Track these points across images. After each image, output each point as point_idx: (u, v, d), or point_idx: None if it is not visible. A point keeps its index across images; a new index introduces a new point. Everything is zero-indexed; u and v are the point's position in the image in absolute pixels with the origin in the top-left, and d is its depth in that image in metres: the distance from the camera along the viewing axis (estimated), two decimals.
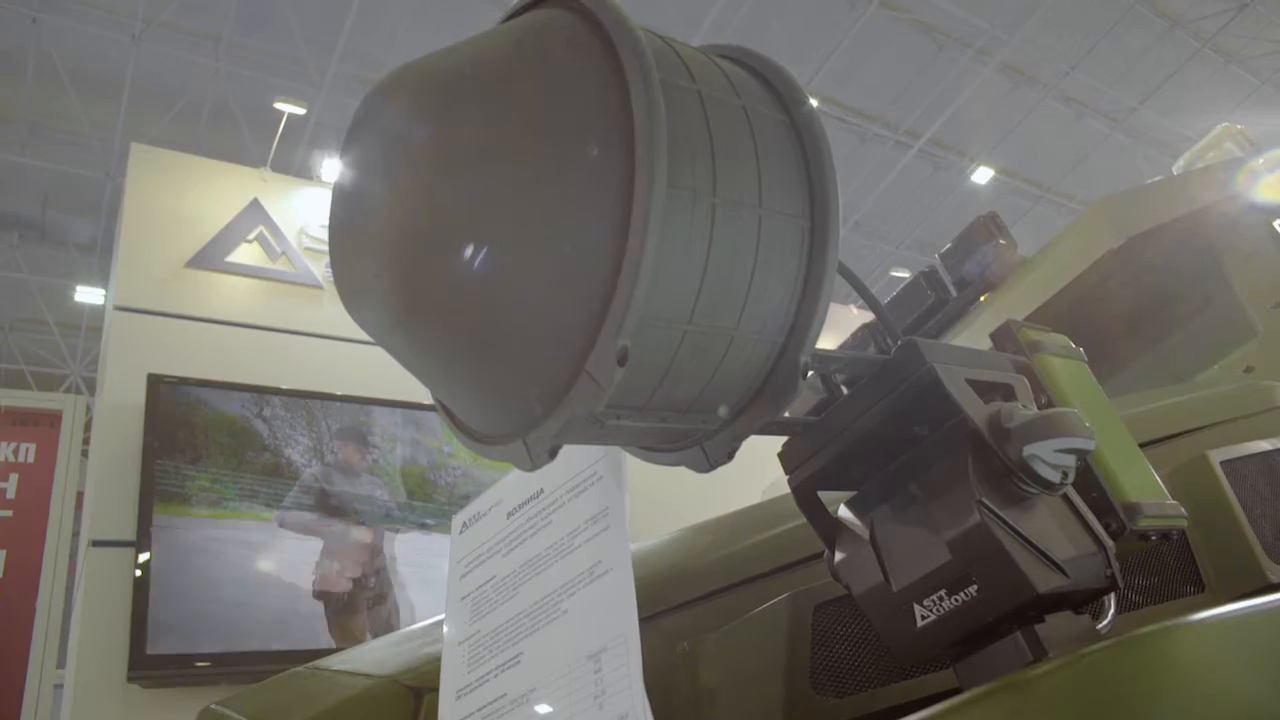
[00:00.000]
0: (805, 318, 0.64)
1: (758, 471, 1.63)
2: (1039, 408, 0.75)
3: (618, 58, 0.56)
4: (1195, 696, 0.57)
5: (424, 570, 4.49)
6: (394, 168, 0.61)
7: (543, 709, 0.74)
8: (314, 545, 4.23)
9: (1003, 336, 0.84)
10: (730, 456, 0.70)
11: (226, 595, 3.90)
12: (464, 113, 0.58)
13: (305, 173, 6.38)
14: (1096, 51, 9.37)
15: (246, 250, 4.97)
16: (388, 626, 4.27)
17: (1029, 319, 2.21)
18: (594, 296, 0.55)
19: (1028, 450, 0.66)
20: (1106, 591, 0.70)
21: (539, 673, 0.77)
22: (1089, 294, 2.18)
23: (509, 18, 0.70)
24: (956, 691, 0.73)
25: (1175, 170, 2.86)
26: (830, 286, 0.63)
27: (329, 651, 3.90)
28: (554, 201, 0.55)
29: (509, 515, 0.91)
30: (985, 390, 0.73)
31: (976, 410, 0.69)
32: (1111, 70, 9.73)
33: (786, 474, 0.80)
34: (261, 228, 5.06)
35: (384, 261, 0.61)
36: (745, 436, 0.68)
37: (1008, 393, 0.75)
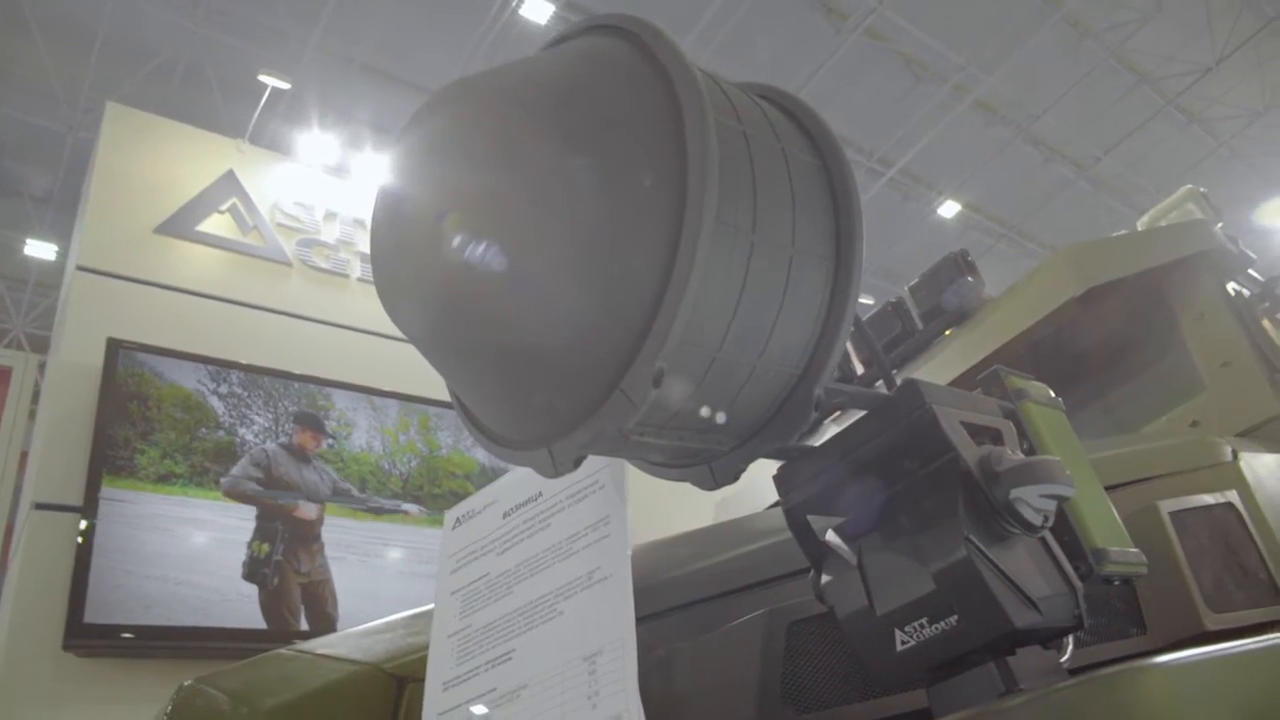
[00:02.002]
0: (823, 353, 0.67)
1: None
2: (1022, 453, 0.80)
3: (674, 93, 0.59)
4: None
5: (369, 559, 4.47)
6: (447, 177, 0.64)
7: (534, 705, 0.77)
8: (253, 525, 4.19)
9: (991, 382, 0.89)
10: (736, 477, 0.73)
11: (168, 571, 3.85)
12: (522, 132, 0.61)
13: (277, 146, 6.30)
14: (1068, 99, 9.62)
15: (217, 221, 4.89)
16: (323, 613, 4.24)
17: (990, 358, 2.29)
18: (635, 318, 0.58)
19: (1014, 493, 0.71)
20: (1074, 630, 0.75)
21: (531, 670, 0.80)
22: (1049, 338, 2.25)
23: (559, 42, 0.73)
24: (924, 713, 0.77)
25: (1139, 225, 2.97)
26: (849, 326, 0.67)
27: (262, 633, 3.90)
28: (605, 225, 0.58)
29: (505, 515, 0.93)
30: (976, 433, 0.77)
31: (969, 451, 0.73)
32: (1080, 118, 9.99)
33: (780, 496, 0.84)
34: (234, 199, 4.99)
35: (429, 267, 0.63)
36: (753, 459, 0.72)
37: (996, 436, 0.79)
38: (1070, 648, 0.85)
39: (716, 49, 8.38)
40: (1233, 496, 1.42)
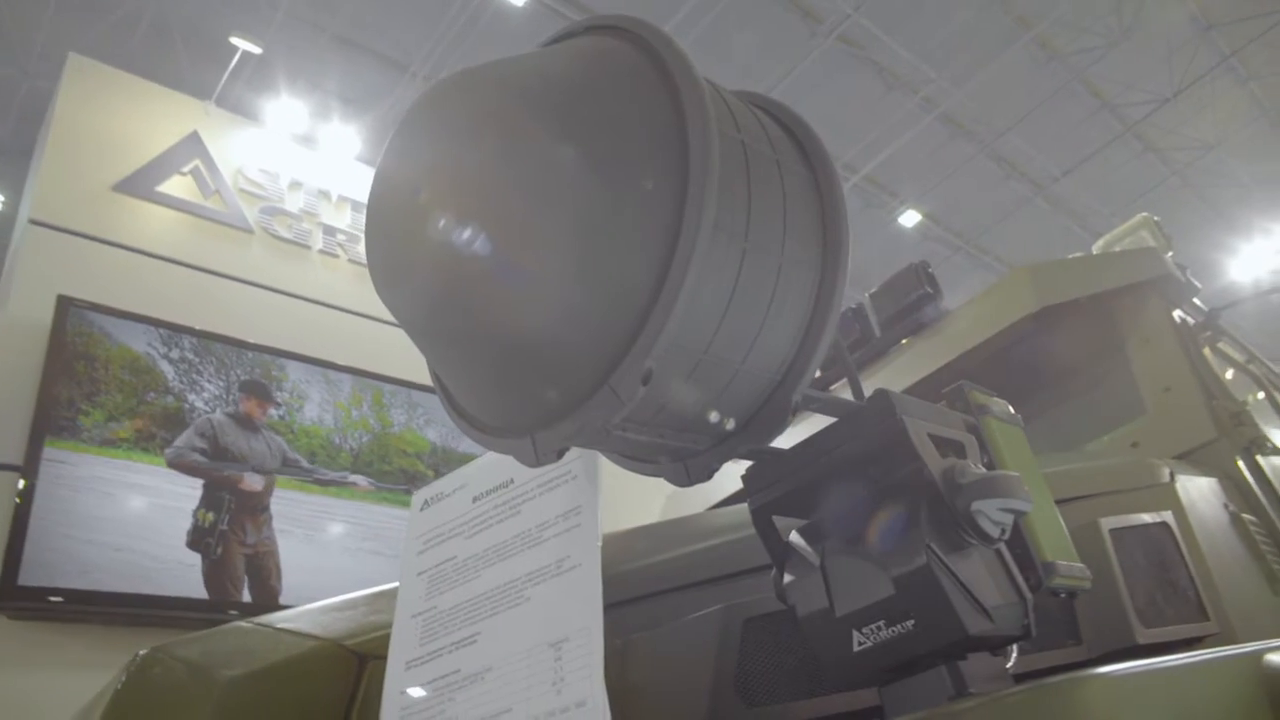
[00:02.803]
0: (803, 360, 0.70)
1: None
2: (983, 467, 0.83)
3: (679, 101, 0.61)
4: None
5: (314, 534, 4.43)
6: (450, 166, 0.64)
7: (498, 687, 0.78)
8: (199, 494, 4.13)
9: (956, 396, 0.92)
10: (710, 476, 0.75)
11: (108, 536, 3.77)
12: (528, 127, 0.61)
13: (241, 112, 6.17)
14: (1032, 118, 9.80)
15: (179, 183, 4.78)
16: (267, 585, 4.20)
17: (945, 368, 2.34)
18: (628, 316, 0.60)
19: (975, 506, 0.74)
20: (1023, 639, 0.78)
21: (496, 653, 0.81)
22: (1001, 353, 2.31)
23: (562, 38, 0.74)
24: (872, 711, 0.80)
25: (1095, 249, 3.05)
26: (831, 335, 0.69)
27: (201, 603, 3.84)
28: (605, 223, 0.60)
29: (475, 500, 0.94)
30: (941, 445, 0.80)
31: (935, 463, 0.76)
32: (1042, 138, 10.19)
33: (748, 495, 0.86)
34: (197, 162, 4.89)
35: (427, 253, 0.64)
36: (728, 459, 0.74)
37: (959, 449, 0.82)
38: (1014, 654, 0.89)
39: (692, 44, 8.37)
40: (1168, 517, 1.48)
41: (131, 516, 3.90)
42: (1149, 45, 9.21)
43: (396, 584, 1.03)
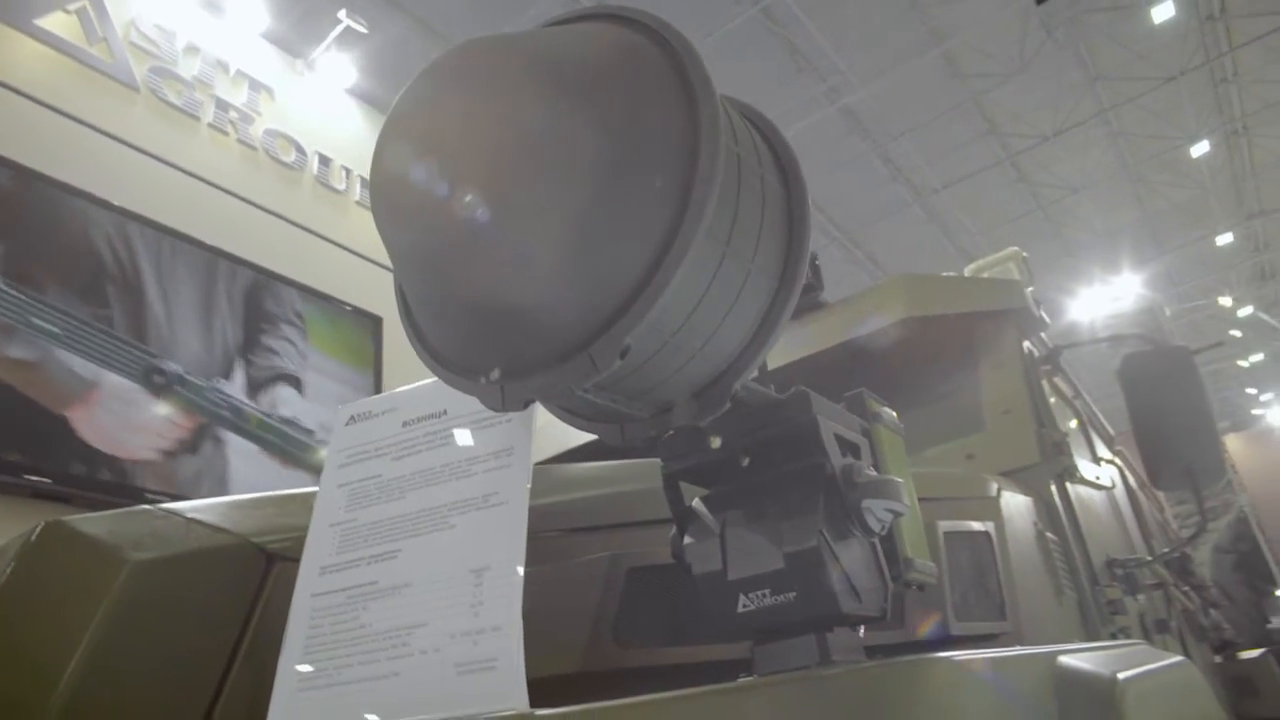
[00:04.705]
0: (749, 355, 0.78)
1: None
2: (872, 469, 0.95)
3: (697, 113, 0.67)
4: (937, 710, 0.78)
5: None
6: (475, 126, 0.68)
7: (415, 603, 0.84)
8: None
9: (855, 402, 1.03)
10: (644, 441, 0.83)
11: None
12: (558, 106, 0.66)
13: None
14: (925, 129, 10.23)
15: (62, 21, 4.36)
16: None
17: (814, 356, 2.49)
18: (616, 296, 0.66)
19: (865, 503, 0.85)
20: (879, 620, 0.90)
21: (416, 571, 0.86)
22: (866, 352, 2.49)
23: (577, 19, 0.78)
24: (738, 664, 0.91)
25: (967, 272, 3.29)
26: (777, 338, 0.78)
27: None
28: (612, 210, 0.65)
29: (405, 424, 0.98)
30: (843, 445, 0.91)
31: (837, 461, 0.87)
32: (931, 150, 10.66)
33: (662, 461, 0.95)
34: (85, 2, 4.48)
35: (436, 205, 0.68)
36: (663, 429, 0.82)
37: (855, 450, 0.93)
38: (863, 631, 1.02)
39: None
40: (990, 527, 1.68)
41: None
42: (1042, 83, 9.76)
43: (306, 490, 1.07)
